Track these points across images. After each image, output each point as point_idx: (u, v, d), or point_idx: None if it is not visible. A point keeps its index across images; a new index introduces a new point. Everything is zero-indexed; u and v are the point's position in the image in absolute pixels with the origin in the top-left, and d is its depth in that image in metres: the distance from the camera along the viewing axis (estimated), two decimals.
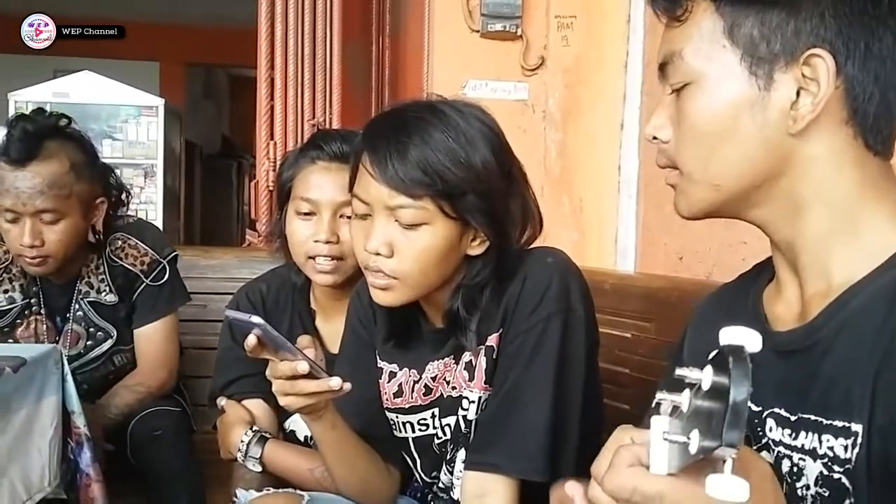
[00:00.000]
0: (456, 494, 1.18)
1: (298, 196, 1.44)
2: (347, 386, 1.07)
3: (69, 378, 1.37)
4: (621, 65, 2.57)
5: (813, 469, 0.69)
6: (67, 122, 1.71)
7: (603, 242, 2.67)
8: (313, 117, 2.96)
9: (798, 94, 0.69)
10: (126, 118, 5.16)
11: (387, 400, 1.25)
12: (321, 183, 1.42)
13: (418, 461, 1.25)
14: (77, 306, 1.76)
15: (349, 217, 1.37)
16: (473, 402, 1.15)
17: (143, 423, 1.69)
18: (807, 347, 0.71)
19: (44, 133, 1.63)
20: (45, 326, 1.75)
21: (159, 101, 5.27)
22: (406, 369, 1.23)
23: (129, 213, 1.93)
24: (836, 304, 0.70)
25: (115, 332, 1.79)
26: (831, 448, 0.67)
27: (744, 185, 0.74)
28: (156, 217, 5.15)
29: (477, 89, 2.67)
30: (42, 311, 1.77)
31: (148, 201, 5.16)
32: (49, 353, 1.35)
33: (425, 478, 1.26)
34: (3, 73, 5.74)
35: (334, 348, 1.44)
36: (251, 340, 1.03)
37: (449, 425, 1.20)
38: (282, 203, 1.50)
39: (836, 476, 0.67)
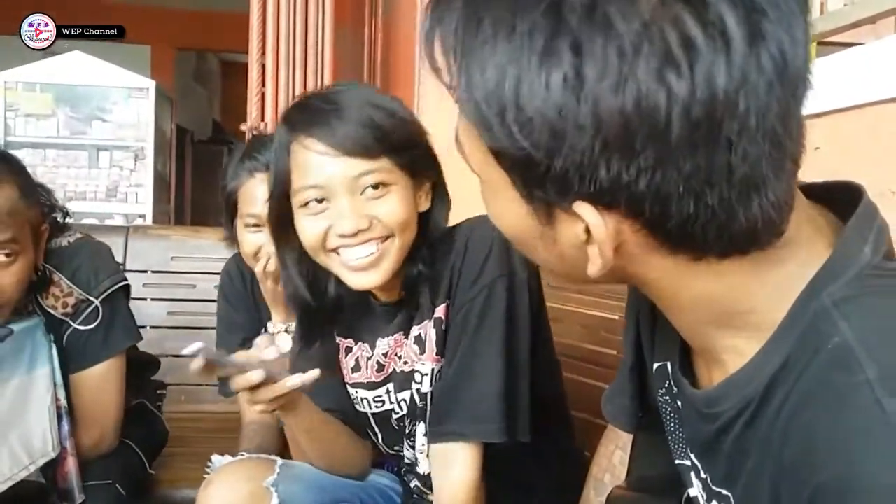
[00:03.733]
0: (421, 469, 1.20)
1: (245, 212, 1.44)
2: (311, 376, 1.06)
3: (54, 350, 1.37)
4: None
5: None
6: None
7: None
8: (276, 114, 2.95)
9: (588, 231, 0.54)
10: (116, 100, 5.13)
11: (346, 375, 1.26)
12: (263, 197, 1.39)
13: (379, 436, 1.27)
14: None
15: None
16: (426, 374, 1.16)
17: None
18: (708, 416, 0.62)
19: None
20: None
21: (150, 83, 5.24)
22: (361, 343, 1.24)
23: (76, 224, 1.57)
24: (731, 383, 0.59)
25: None
26: None
27: (590, 283, 0.61)
28: (146, 199, 5.14)
29: None
30: None
31: (137, 184, 5.15)
32: (37, 325, 1.35)
33: (388, 451, 1.28)
34: None
35: None
36: (195, 367, 0.98)
37: (405, 400, 1.20)
38: (231, 214, 1.51)
39: None
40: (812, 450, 0.50)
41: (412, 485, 1.27)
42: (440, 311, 1.14)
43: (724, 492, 0.62)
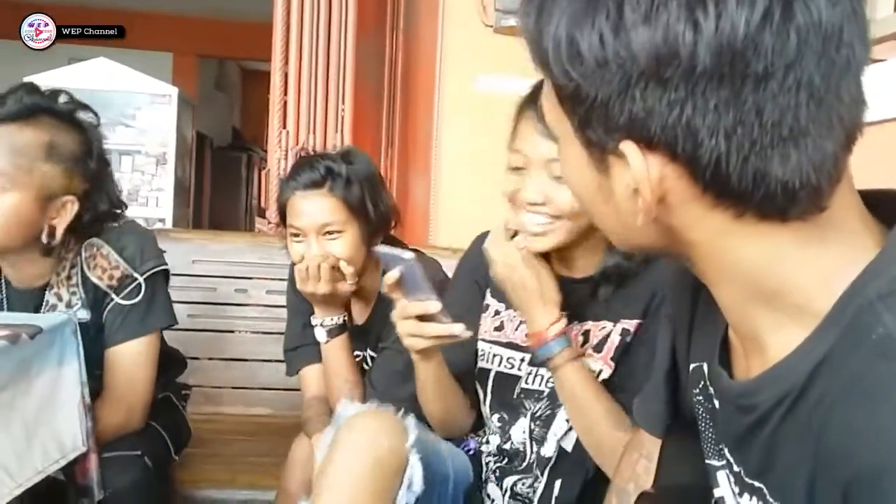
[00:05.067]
0: (545, 451, 1.25)
1: (290, 223, 1.66)
2: (468, 333, 1.18)
3: (80, 348, 1.39)
4: None
5: None
6: (79, 109, 1.49)
7: None
8: (325, 111, 2.99)
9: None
10: (139, 106, 5.20)
11: (485, 332, 1.36)
12: (302, 211, 1.63)
13: (488, 398, 1.34)
14: None
15: (331, 233, 1.62)
16: (592, 372, 1.21)
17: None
18: (744, 408, 0.63)
19: (40, 107, 1.43)
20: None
21: (173, 90, 5.31)
22: (511, 311, 1.34)
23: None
24: (770, 375, 0.60)
25: (84, 353, 1.44)
26: None
27: (644, 248, 0.65)
28: (166, 204, 5.20)
29: (489, 84, 2.70)
30: None
31: (158, 188, 5.20)
32: (66, 322, 1.37)
33: (488, 415, 1.34)
34: (19, 58, 5.78)
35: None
36: (391, 278, 1.20)
37: (542, 376, 1.27)
38: (286, 224, 1.71)
39: None
40: (852, 437, 0.51)
41: (489, 464, 1.33)
42: (631, 325, 1.21)
43: (758, 484, 0.63)
